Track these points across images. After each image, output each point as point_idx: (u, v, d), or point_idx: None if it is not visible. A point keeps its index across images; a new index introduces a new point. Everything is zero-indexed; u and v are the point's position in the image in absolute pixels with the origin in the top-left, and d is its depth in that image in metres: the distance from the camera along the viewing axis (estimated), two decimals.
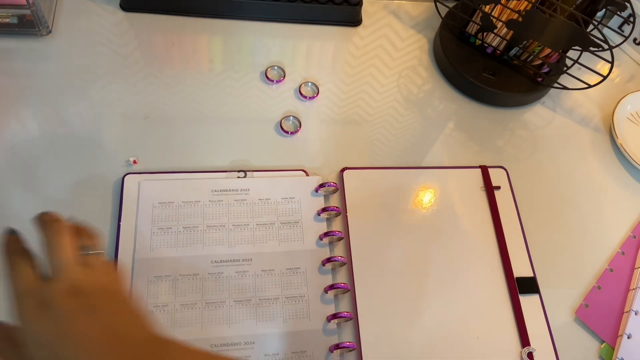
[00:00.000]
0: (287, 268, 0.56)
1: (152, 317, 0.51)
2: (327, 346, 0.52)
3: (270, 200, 0.59)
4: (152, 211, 0.56)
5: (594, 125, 0.73)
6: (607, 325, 0.56)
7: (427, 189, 0.62)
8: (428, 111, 0.70)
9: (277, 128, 0.65)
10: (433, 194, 0.62)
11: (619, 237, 0.63)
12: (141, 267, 0.53)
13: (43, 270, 0.36)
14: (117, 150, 0.60)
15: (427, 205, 0.61)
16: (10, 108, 0.61)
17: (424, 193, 0.62)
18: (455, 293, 0.56)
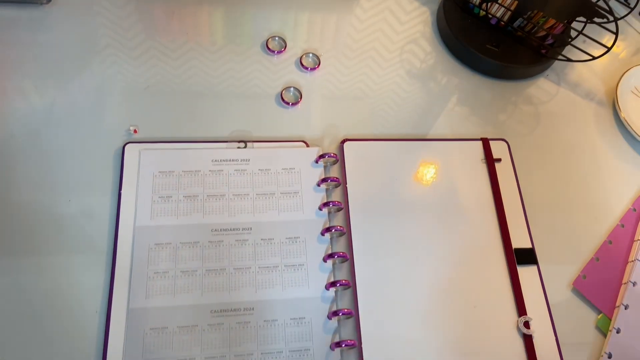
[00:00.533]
0: (287, 237, 0.56)
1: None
2: (326, 313, 0.52)
3: (270, 170, 0.59)
4: (153, 180, 0.57)
5: (597, 99, 0.72)
6: (605, 297, 0.57)
7: (427, 161, 0.62)
8: (431, 85, 0.69)
9: (277, 99, 0.65)
10: (433, 165, 0.62)
11: (619, 210, 0.63)
12: (142, 234, 0.54)
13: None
14: (118, 120, 0.60)
15: (427, 176, 0.61)
16: (11, 77, 0.61)
17: (424, 165, 0.62)
18: (454, 263, 0.56)
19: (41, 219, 0.54)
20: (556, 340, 0.54)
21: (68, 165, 0.57)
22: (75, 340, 0.49)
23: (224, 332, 0.50)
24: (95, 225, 0.54)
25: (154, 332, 0.49)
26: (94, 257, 0.53)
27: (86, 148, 0.58)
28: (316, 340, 0.51)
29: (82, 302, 0.51)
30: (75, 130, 0.59)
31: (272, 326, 0.51)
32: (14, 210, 0.54)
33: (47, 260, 0.52)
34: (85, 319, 0.50)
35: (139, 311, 0.50)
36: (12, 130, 0.58)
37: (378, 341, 0.51)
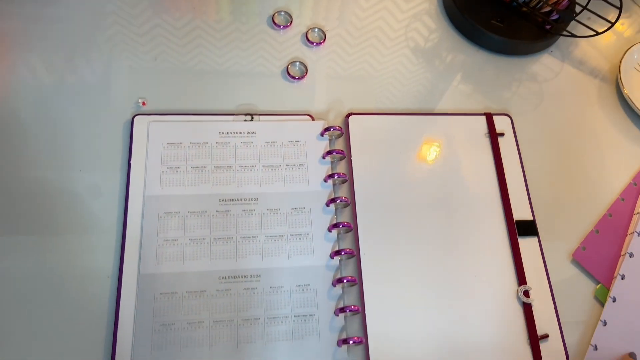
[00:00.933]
0: (292, 208, 0.57)
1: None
2: (330, 280, 0.54)
3: (277, 143, 0.60)
4: (161, 151, 0.58)
5: (600, 75, 0.72)
6: (603, 268, 0.58)
7: (431, 135, 0.63)
8: (436, 62, 0.70)
9: (283, 73, 0.65)
10: (437, 139, 0.63)
11: (620, 185, 0.64)
12: (151, 203, 0.55)
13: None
14: (126, 93, 0.61)
15: (431, 150, 0.62)
16: (19, 52, 0.62)
17: (428, 139, 0.63)
18: (456, 234, 0.58)
19: (52, 191, 0.55)
20: (555, 309, 0.55)
21: (78, 138, 0.58)
22: (88, 304, 0.51)
23: (232, 298, 0.52)
24: (105, 194, 0.55)
25: (164, 297, 0.51)
26: (105, 225, 0.54)
27: (96, 121, 0.59)
28: (321, 306, 0.52)
29: (94, 268, 0.52)
30: (84, 104, 0.60)
31: (278, 292, 0.53)
32: (24, 186, 0.55)
33: (60, 229, 0.53)
34: (97, 284, 0.51)
35: (149, 277, 0.52)
36: (21, 106, 0.59)
37: (381, 307, 0.53)
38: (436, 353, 0.52)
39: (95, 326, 0.50)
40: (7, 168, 0.56)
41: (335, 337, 0.51)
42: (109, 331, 0.50)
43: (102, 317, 0.50)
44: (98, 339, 0.49)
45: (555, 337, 0.54)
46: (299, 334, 0.51)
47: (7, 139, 0.57)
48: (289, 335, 0.51)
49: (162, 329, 0.50)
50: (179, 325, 0.50)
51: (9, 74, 0.61)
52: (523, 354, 0.53)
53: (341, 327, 0.52)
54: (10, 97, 0.59)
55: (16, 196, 0.54)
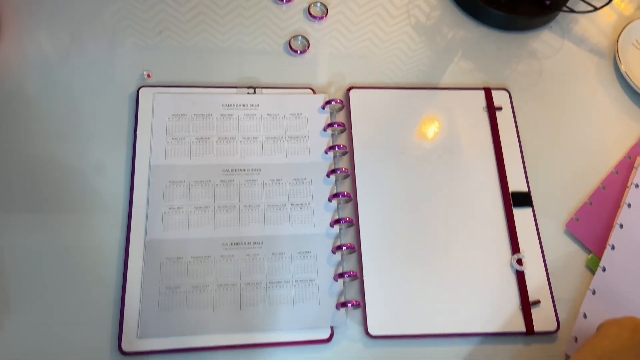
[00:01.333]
0: (294, 178, 0.59)
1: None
2: (330, 248, 0.56)
3: (279, 115, 0.62)
4: (166, 122, 0.59)
5: (599, 51, 0.73)
6: (596, 238, 0.60)
7: (430, 109, 0.64)
8: (437, 38, 0.71)
9: (286, 47, 0.67)
10: (437, 113, 0.64)
11: (614, 158, 0.65)
12: (157, 172, 0.57)
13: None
14: (131, 65, 0.63)
15: (430, 123, 0.64)
16: (25, 29, 0.63)
17: (427, 112, 0.64)
18: (453, 204, 0.59)
19: (60, 162, 0.57)
20: (547, 277, 0.57)
21: (85, 110, 0.60)
22: (97, 269, 0.53)
23: (235, 263, 0.54)
24: (112, 164, 0.57)
25: (170, 262, 0.53)
26: (113, 193, 0.56)
27: (102, 93, 0.61)
28: (321, 272, 0.54)
29: (102, 235, 0.54)
30: (90, 78, 0.61)
31: (280, 259, 0.55)
32: (32, 158, 0.57)
33: (68, 198, 0.55)
34: (106, 249, 0.54)
35: (156, 242, 0.54)
36: (28, 80, 0.60)
37: (378, 273, 0.55)
38: (431, 317, 0.54)
39: (104, 289, 0.52)
40: (15, 142, 0.57)
41: (334, 301, 0.53)
42: (118, 294, 0.52)
43: (111, 281, 0.52)
44: (107, 301, 0.52)
45: (546, 303, 0.56)
46: (300, 297, 0.53)
47: (15, 114, 0.59)
48: (289, 299, 0.53)
49: (168, 291, 0.52)
50: (185, 289, 0.52)
51: (16, 50, 0.62)
52: (515, 319, 0.55)
53: (340, 292, 0.54)
54: (17, 72, 0.61)
55: (24, 169, 0.56)
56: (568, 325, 0.56)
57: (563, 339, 0.55)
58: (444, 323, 0.54)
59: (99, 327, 0.51)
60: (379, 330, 0.53)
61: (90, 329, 0.50)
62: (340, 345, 0.53)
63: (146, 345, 0.50)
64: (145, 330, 0.50)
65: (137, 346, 0.49)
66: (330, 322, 0.52)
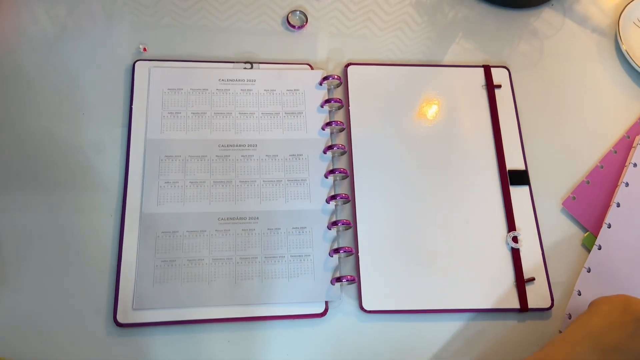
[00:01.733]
0: (290, 154, 0.59)
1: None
2: (326, 224, 0.56)
3: (276, 91, 0.61)
4: (162, 96, 0.59)
5: (600, 30, 0.72)
6: (592, 217, 0.60)
7: (429, 86, 0.64)
8: (438, 16, 0.70)
9: (283, 22, 0.66)
10: (435, 90, 0.64)
11: (613, 137, 0.65)
12: (153, 146, 0.56)
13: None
14: (128, 39, 0.62)
15: (429, 101, 0.63)
16: (23, 3, 0.62)
17: (426, 89, 0.64)
18: (450, 181, 0.59)
19: (55, 138, 0.56)
20: (542, 255, 0.57)
21: (81, 84, 0.59)
22: (93, 241, 0.53)
23: (231, 238, 0.54)
24: (107, 137, 0.57)
25: (166, 235, 0.53)
26: (108, 166, 0.56)
27: (98, 68, 0.60)
28: (316, 247, 0.54)
29: (97, 207, 0.54)
30: (86, 52, 0.61)
31: (276, 234, 0.55)
32: (29, 134, 0.56)
33: (63, 171, 0.55)
34: (101, 222, 0.53)
35: (151, 216, 0.54)
36: (24, 55, 0.60)
37: (373, 249, 0.55)
38: (426, 292, 0.54)
39: (99, 262, 0.52)
40: (10, 118, 0.57)
41: (329, 276, 0.53)
42: (113, 266, 0.52)
43: (106, 254, 0.52)
44: (103, 273, 0.52)
45: (541, 281, 0.56)
46: (295, 272, 0.53)
47: (10, 89, 0.58)
48: (284, 274, 0.53)
49: (164, 264, 0.52)
50: (180, 262, 0.52)
51: (13, 24, 0.61)
52: (510, 296, 0.55)
53: (335, 267, 0.54)
54: (13, 46, 0.60)
55: (19, 144, 0.56)
56: (562, 302, 0.56)
57: (557, 316, 0.56)
58: (439, 299, 0.54)
59: (94, 299, 0.51)
60: (373, 305, 0.53)
61: (86, 301, 0.51)
62: (335, 320, 0.53)
63: (141, 317, 0.50)
64: (140, 302, 0.50)
65: (132, 318, 0.50)
66: (325, 296, 0.53)
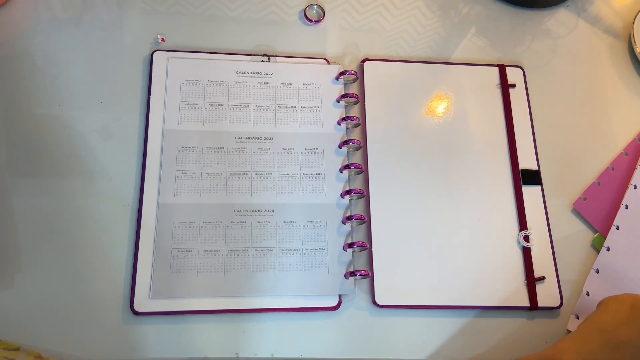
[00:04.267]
0: (306, 148, 0.59)
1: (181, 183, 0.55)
2: (340, 218, 0.56)
3: (292, 85, 0.62)
4: (180, 87, 0.59)
5: (614, 32, 0.73)
6: (602, 218, 0.60)
7: (444, 83, 0.64)
8: (451, 13, 0.70)
9: (301, 16, 0.66)
10: (450, 88, 0.64)
11: (624, 140, 0.65)
12: (170, 137, 0.57)
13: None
14: (144, 29, 0.62)
15: (444, 98, 0.64)
16: None
17: (441, 87, 0.64)
18: (463, 179, 0.60)
19: (73, 126, 0.57)
20: (552, 254, 0.58)
21: (98, 73, 0.59)
22: (110, 230, 0.53)
23: (246, 230, 0.54)
24: (126, 127, 0.57)
25: (182, 225, 0.53)
26: (126, 156, 0.56)
27: (114, 57, 0.60)
28: (330, 241, 0.55)
29: (115, 197, 0.54)
30: (103, 41, 0.61)
31: (291, 227, 0.55)
32: (45, 123, 0.56)
33: (81, 161, 0.55)
34: (119, 212, 0.54)
35: (168, 206, 0.54)
36: (39, 43, 0.60)
37: (387, 244, 0.56)
38: (437, 289, 0.55)
39: (117, 250, 0.53)
40: (27, 105, 0.57)
41: (343, 269, 0.54)
42: (130, 255, 0.52)
43: (124, 242, 0.53)
44: (120, 262, 0.52)
45: (551, 280, 0.57)
46: (309, 265, 0.54)
47: (27, 76, 0.58)
48: (299, 267, 0.54)
49: (180, 254, 0.52)
50: (196, 252, 0.53)
51: (28, 12, 0.61)
52: (520, 294, 0.56)
53: (349, 261, 0.55)
54: (29, 34, 0.60)
55: (36, 135, 0.56)
56: (571, 301, 0.57)
57: (565, 315, 0.56)
58: (450, 295, 0.55)
59: (111, 286, 0.51)
60: (385, 299, 0.54)
61: (103, 288, 0.51)
62: (347, 313, 0.54)
63: (158, 306, 0.50)
64: (157, 291, 0.51)
65: (148, 307, 0.50)
66: (338, 290, 0.53)
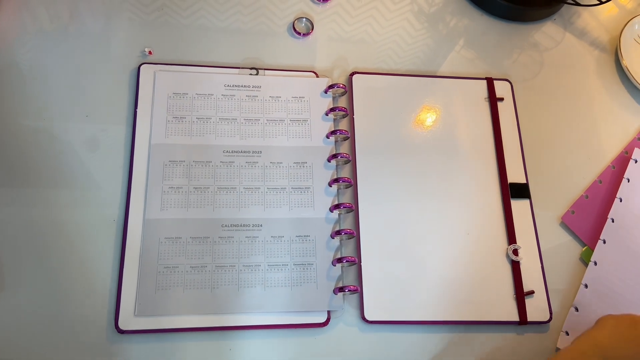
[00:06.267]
0: (295, 162, 0.59)
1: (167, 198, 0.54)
2: (329, 233, 0.56)
3: (281, 98, 0.61)
4: (167, 101, 0.59)
5: (601, 46, 0.73)
6: (590, 231, 0.60)
7: (433, 97, 0.64)
8: (439, 26, 0.70)
9: (289, 29, 0.66)
10: (439, 101, 0.64)
11: (612, 153, 0.66)
12: (157, 151, 0.56)
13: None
14: (131, 41, 0.61)
15: (432, 112, 0.64)
16: (23, 3, 0.62)
17: (429, 100, 0.64)
18: (451, 193, 0.59)
19: (59, 139, 0.56)
20: (542, 268, 0.58)
21: (84, 85, 0.59)
22: (95, 247, 0.52)
23: (234, 245, 0.54)
24: (112, 140, 0.56)
25: (169, 241, 0.53)
26: (112, 170, 0.55)
27: (101, 69, 0.60)
28: (319, 256, 0.55)
29: (100, 213, 0.54)
30: (89, 53, 0.60)
31: (279, 241, 0.55)
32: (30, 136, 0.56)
33: (67, 176, 0.55)
34: (104, 228, 0.53)
35: (154, 222, 0.53)
36: (27, 55, 0.59)
37: (376, 259, 0.55)
38: (427, 304, 0.54)
39: (102, 267, 0.52)
40: (12, 117, 0.56)
41: (332, 285, 0.54)
42: (115, 272, 0.51)
43: (109, 259, 0.52)
44: (105, 279, 0.51)
45: (540, 294, 0.57)
46: (298, 281, 0.53)
47: (13, 88, 0.57)
48: (287, 282, 0.53)
49: (166, 271, 0.52)
50: (183, 269, 0.52)
51: (14, 24, 0.60)
52: (509, 308, 0.55)
53: (338, 277, 0.54)
54: (15, 46, 0.59)
55: (22, 147, 0.55)
56: (560, 315, 0.57)
57: (554, 329, 0.56)
58: (439, 310, 0.54)
59: (96, 304, 0.50)
60: (375, 315, 0.53)
61: (87, 306, 0.50)
62: (336, 329, 0.53)
63: (143, 324, 0.50)
64: (142, 309, 0.50)
65: (134, 325, 0.49)
66: (327, 306, 0.53)
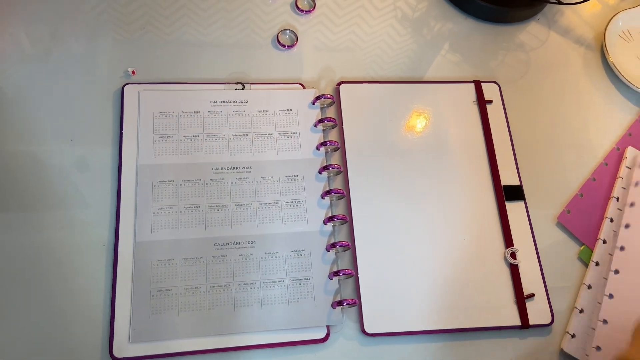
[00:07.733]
0: (286, 175, 0.58)
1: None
2: (324, 246, 0.55)
3: (269, 111, 0.61)
4: (153, 120, 0.58)
5: (586, 43, 0.73)
6: (587, 230, 0.60)
7: (421, 103, 0.64)
8: (424, 30, 0.70)
9: (274, 42, 0.65)
10: (427, 107, 0.64)
11: (603, 150, 0.65)
12: (145, 172, 0.55)
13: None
14: (115, 61, 0.61)
15: (421, 117, 0.63)
16: (3, 26, 0.61)
17: (418, 106, 0.64)
18: (445, 199, 0.59)
19: (44, 163, 0.55)
20: (540, 270, 0.57)
21: (68, 109, 0.58)
22: (86, 272, 0.51)
23: (228, 264, 0.53)
24: (98, 164, 0.55)
25: (161, 264, 0.52)
26: (100, 194, 0.54)
27: (85, 91, 0.59)
28: (315, 271, 0.54)
29: (89, 238, 0.52)
30: (72, 75, 0.59)
31: (274, 258, 0.54)
32: (14, 160, 0.55)
33: (53, 201, 0.53)
34: (94, 253, 0.52)
35: (146, 244, 0.52)
36: (7, 79, 0.58)
37: (373, 270, 0.54)
38: (427, 313, 0.53)
39: (93, 293, 0.50)
40: None
41: (330, 299, 0.53)
42: (108, 297, 0.50)
43: (100, 284, 0.51)
44: (97, 305, 0.50)
45: (540, 296, 0.56)
46: (295, 297, 0.52)
47: None
48: (284, 299, 0.52)
49: (160, 294, 0.50)
50: (177, 291, 0.51)
51: None
52: (510, 313, 0.55)
53: (335, 290, 0.53)
54: None
55: (5, 171, 0.54)
56: (562, 317, 0.56)
57: (557, 331, 0.56)
58: (440, 319, 0.53)
59: (89, 332, 0.49)
60: (375, 328, 0.52)
61: (80, 334, 0.49)
62: (337, 344, 0.52)
63: (138, 350, 0.48)
64: (137, 334, 0.49)
65: (129, 351, 0.48)
66: (326, 321, 0.52)
